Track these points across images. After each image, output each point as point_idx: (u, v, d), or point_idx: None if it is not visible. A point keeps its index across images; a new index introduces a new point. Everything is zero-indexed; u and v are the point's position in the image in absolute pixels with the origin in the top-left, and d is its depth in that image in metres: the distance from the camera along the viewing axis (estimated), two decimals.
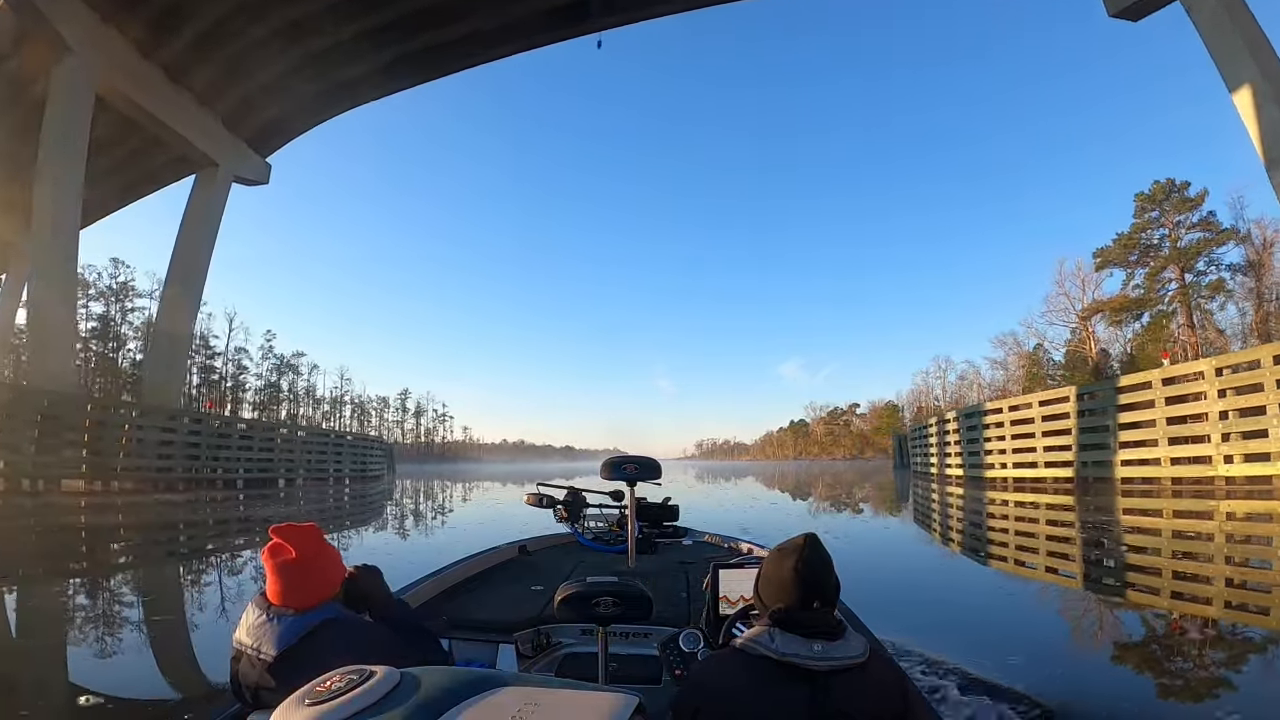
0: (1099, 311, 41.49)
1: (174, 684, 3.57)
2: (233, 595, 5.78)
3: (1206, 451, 13.09)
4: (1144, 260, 40.70)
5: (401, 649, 1.37)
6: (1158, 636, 4.31)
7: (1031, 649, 3.83)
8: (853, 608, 2.08)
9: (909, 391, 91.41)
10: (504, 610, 2.36)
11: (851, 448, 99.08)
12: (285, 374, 75.01)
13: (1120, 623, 4.81)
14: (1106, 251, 41.17)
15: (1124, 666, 3.79)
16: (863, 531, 10.73)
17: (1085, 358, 49.86)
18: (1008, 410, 20.21)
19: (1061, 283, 49.72)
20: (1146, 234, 40.37)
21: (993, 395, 69.31)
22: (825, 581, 1.21)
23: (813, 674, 1.11)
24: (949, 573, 7.24)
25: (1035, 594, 5.93)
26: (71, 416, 16.80)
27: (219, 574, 7.19)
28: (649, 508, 3.56)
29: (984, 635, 4.23)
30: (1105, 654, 4.00)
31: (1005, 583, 6.51)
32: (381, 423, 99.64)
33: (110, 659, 3.91)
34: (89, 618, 5.05)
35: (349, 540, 9.67)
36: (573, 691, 0.79)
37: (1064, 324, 50.93)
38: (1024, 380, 60.99)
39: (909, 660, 3.44)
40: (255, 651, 1.30)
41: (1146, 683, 3.47)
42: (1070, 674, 3.44)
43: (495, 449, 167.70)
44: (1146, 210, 40.38)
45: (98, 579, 6.69)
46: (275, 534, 1.37)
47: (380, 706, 0.70)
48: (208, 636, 4.40)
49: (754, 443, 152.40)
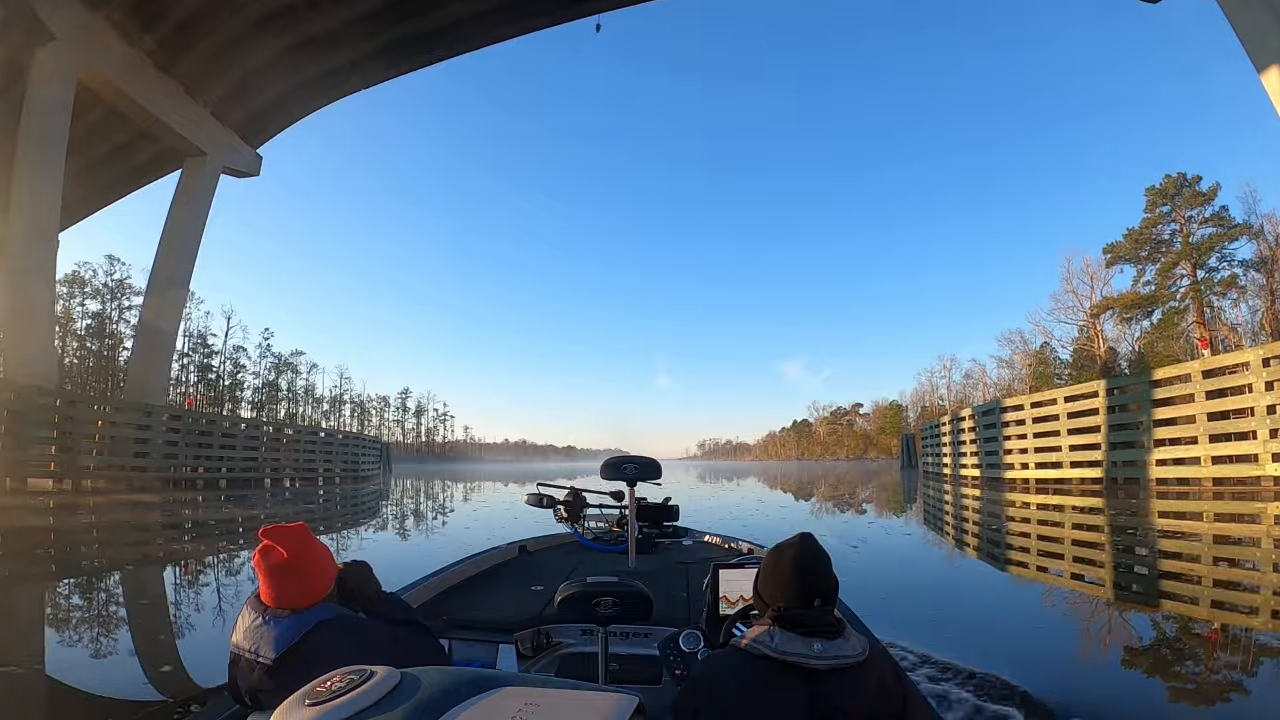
0: (1109, 308, 40.59)
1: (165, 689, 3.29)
2: (193, 603, 5.12)
3: (1252, 449, 12.06)
4: (1154, 256, 39.88)
5: (399, 647, 1.40)
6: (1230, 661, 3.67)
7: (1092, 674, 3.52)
8: (875, 624, 2.00)
9: (913, 391, 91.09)
10: (504, 610, 2.38)
11: (855, 448, 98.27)
12: (284, 373, 74.60)
13: (1174, 642, 4.17)
14: (1117, 247, 40.31)
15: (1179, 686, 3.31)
16: (879, 538, 9.96)
17: (1093, 356, 49.12)
18: (1030, 407, 18.87)
19: (1069, 280, 48.90)
20: (1158, 229, 39.55)
21: (998, 394, 68.70)
22: (824, 579, 1.23)
23: (813, 673, 1.12)
24: (975, 583, 6.57)
25: (1080, 609, 5.25)
26: (40, 412, 15.96)
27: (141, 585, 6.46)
28: (649, 508, 3.58)
29: (1025, 651, 3.85)
30: (1164, 677, 3.48)
31: (1042, 594, 5.84)
32: (382, 422, 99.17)
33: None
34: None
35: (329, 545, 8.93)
36: (573, 692, 0.79)
37: (1071, 322, 50.17)
38: (1030, 379, 60.32)
39: (910, 660, 3.41)
40: (253, 655, 1.29)
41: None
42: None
43: (497, 449, 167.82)
44: (1158, 205, 39.54)
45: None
46: (265, 536, 1.37)
47: (380, 707, 0.69)
48: (152, 644, 4.11)
49: (756, 443, 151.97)
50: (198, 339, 61.71)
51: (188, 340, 60.77)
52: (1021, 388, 65.17)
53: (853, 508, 15.87)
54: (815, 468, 65.24)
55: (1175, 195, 39.15)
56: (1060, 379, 59.78)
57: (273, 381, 71.96)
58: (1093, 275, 47.66)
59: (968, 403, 79.72)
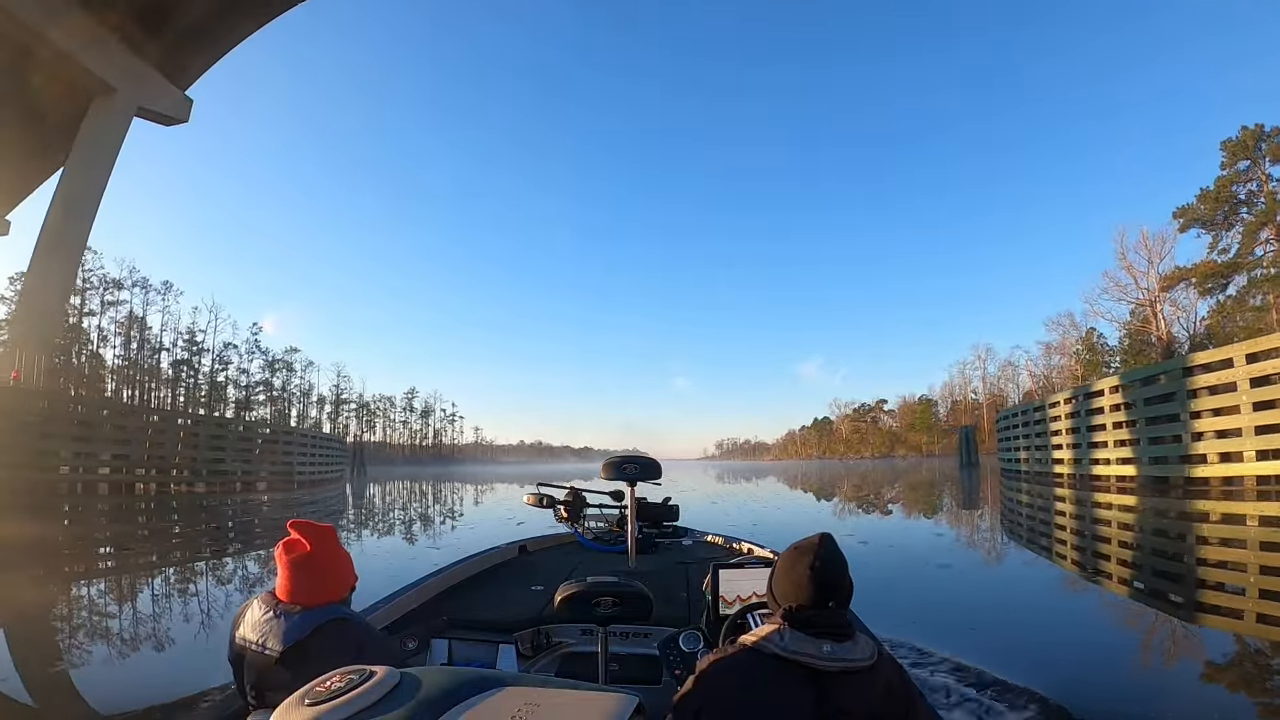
0: (1183, 280, 35.18)
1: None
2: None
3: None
4: (1231, 219, 34.51)
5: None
6: None
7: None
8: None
9: (943, 385, 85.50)
10: (504, 610, 2.40)
11: (880, 446, 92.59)
12: (279, 371, 71.60)
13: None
14: (1190, 210, 34.90)
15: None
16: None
17: (1154, 338, 43.70)
18: (1213, 370, 12.27)
19: (1124, 255, 43.63)
20: (1237, 188, 34.18)
21: (1040, 387, 63.12)
22: (840, 582, 1.22)
23: (820, 674, 1.12)
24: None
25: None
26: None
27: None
28: (649, 508, 3.54)
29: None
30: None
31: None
32: (388, 423, 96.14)
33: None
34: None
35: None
36: (572, 691, 0.79)
37: (1129, 300, 44.76)
38: (1079, 368, 54.83)
39: (918, 660, 3.31)
40: (260, 647, 1.29)
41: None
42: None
43: (512, 450, 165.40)
44: (1236, 160, 34.14)
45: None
46: (293, 528, 1.37)
47: (380, 707, 0.69)
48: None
49: (775, 442, 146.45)
50: (185, 334, 59.00)
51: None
52: (1059, 380, 59.73)
53: (988, 536, 9.84)
54: (840, 467, 59.64)
55: (1255, 148, 33.82)
56: (1108, 368, 54.40)
57: (265, 380, 68.90)
58: (1150, 249, 42.49)
59: (1002, 396, 74.67)
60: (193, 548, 9.27)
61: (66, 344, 47.96)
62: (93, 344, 51.07)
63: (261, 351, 67.23)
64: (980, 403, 76.66)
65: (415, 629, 2.07)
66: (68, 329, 47.65)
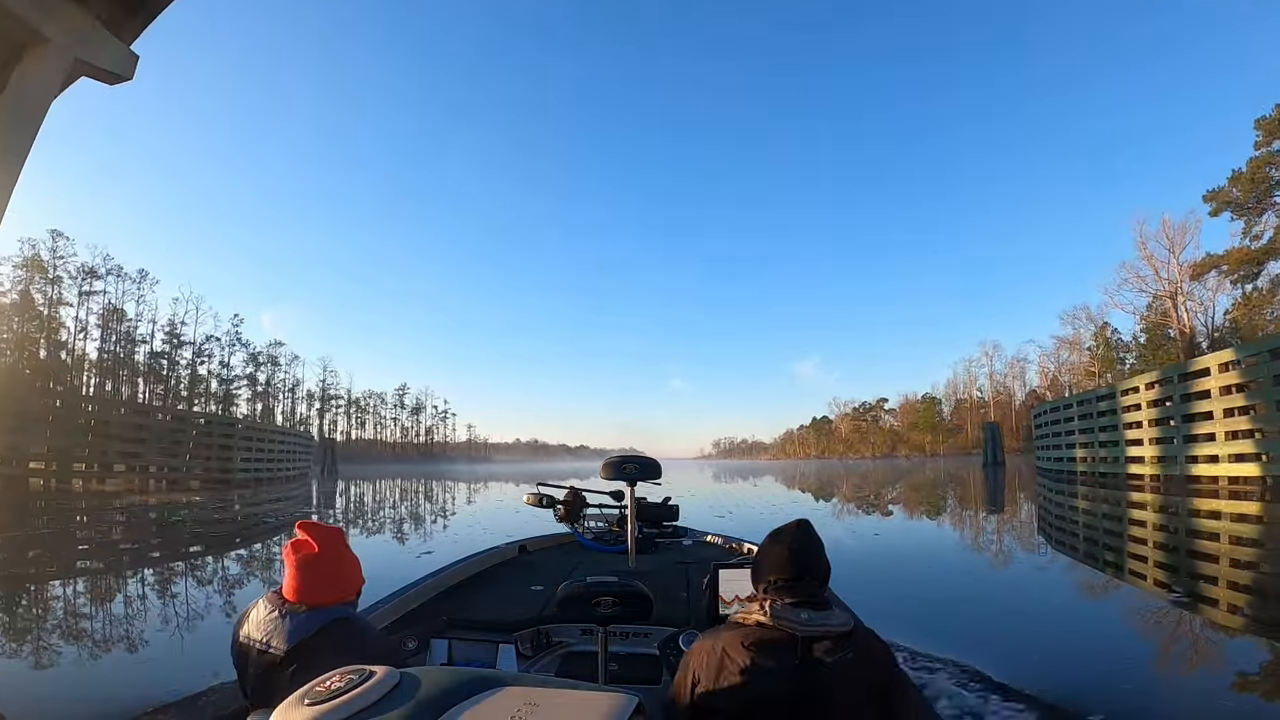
0: (1214, 267, 33.09)
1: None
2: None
3: None
4: (1265, 202, 32.45)
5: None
6: None
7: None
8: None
9: (947, 383, 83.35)
10: (504, 610, 2.39)
11: (881, 446, 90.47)
12: (263, 365, 69.15)
13: None
14: (1221, 193, 32.73)
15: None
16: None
17: (1173, 332, 41.72)
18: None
19: (1144, 244, 41.62)
20: (1271, 169, 32.12)
21: (1049, 384, 61.20)
22: (815, 559, 1.29)
23: (802, 639, 1.19)
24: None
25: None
26: None
27: None
28: (649, 508, 3.45)
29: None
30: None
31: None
32: (378, 420, 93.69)
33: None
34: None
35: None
36: (572, 691, 0.79)
37: (1147, 290, 42.78)
38: (1097, 363, 52.86)
39: (912, 656, 3.29)
40: (264, 646, 1.29)
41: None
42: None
43: (508, 448, 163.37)
44: (1272, 139, 32.05)
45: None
46: (301, 529, 1.36)
47: (380, 707, 0.69)
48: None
49: (773, 441, 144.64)
50: (168, 328, 56.59)
51: (155, 328, 55.66)
52: (1069, 378, 57.82)
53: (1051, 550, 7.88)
54: (841, 467, 57.30)
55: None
56: (1122, 363, 52.44)
57: (249, 373, 66.47)
58: (1170, 238, 40.46)
59: (1008, 394, 72.54)
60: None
61: (33, 333, 45.50)
62: (59, 334, 48.52)
63: (243, 344, 64.81)
64: (987, 401, 74.63)
65: (415, 629, 2.05)
66: (33, 315, 45.18)
